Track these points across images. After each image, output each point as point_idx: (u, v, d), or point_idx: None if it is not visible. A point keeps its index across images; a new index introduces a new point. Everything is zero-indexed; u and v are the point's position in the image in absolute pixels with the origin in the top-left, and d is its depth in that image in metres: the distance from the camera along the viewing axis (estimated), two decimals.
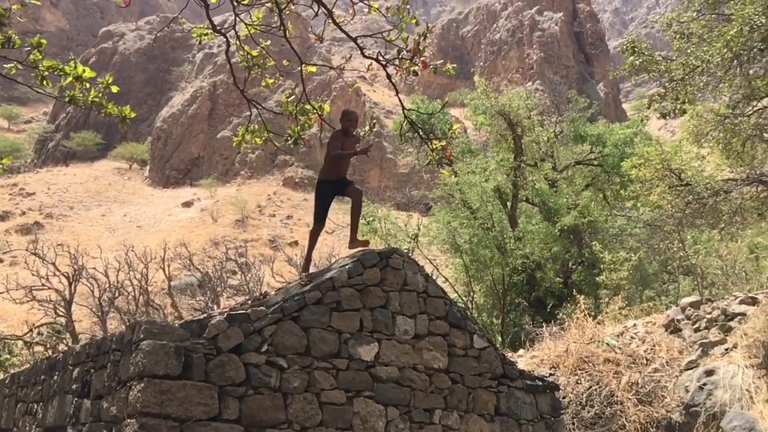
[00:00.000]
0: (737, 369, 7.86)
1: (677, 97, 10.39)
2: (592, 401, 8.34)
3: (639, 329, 10.34)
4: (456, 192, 17.45)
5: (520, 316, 17.03)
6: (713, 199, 11.16)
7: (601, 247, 16.45)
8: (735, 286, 13.40)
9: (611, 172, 18.41)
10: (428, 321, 6.35)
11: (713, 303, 9.86)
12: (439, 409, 6.07)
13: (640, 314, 12.74)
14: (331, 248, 27.43)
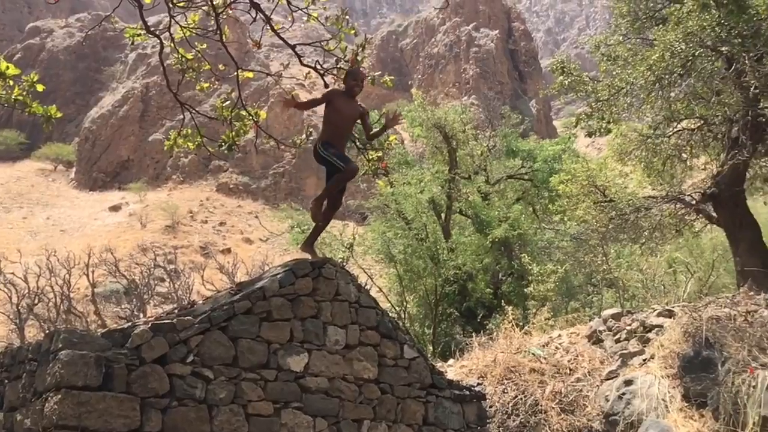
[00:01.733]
0: (654, 379, 8.20)
1: (603, 116, 10.85)
2: (518, 410, 8.53)
3: (563, 340, 10.66)
4: (391, 202, 17.59)
5: (451, 326, 17.27)
6: (635, 215, 11.67)
7: (530, 259, 16.91)
8: (654, 299, 13.96)
9: (541, 186, 18.98)
10: (359, 331, 6.36)
11: (633, 315, 10.26)
12: (368, 420, 6.07)
13: (565, 325, 13.13)
14: (264, 256, 27.11)
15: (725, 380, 7.35)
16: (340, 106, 6.02)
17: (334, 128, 6.01)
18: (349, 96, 6.09)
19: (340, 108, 6.02)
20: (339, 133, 6.08)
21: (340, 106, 6.02)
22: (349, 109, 6.08)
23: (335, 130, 6.02)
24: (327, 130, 6.06)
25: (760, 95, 9.81)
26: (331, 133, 6.03)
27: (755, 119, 9.99)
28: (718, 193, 10.57)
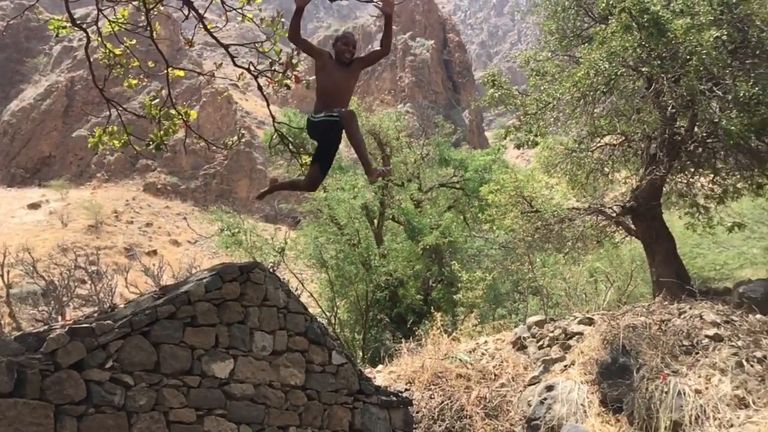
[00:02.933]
0: (574, 385, 8.49)
1: (530, 129, 11.18)
2: (444, 415, 8.65)
3: (490, 346, 10.90)
4: (324, 207, 17.54)
5: (381, 332, 17.36)
6: (559, 226, 12.06)
7: (460, 266, 17.20)
8: (576, 307, 14.47)
9: (471, 195, 19.37)
10: (287, 337, 6.31)
11: (556, 322, 10.60)
12: (294, 427, 6.03)
13: (492, 331, 13.43)
14: (192, 259, 26.48)
15: (640, 386, 7.69)
16: (330, 72, 5.26)
17: (327, 98, 5.20)
18: (339, 62, 5.32)
19: (331, 74, 5.25)
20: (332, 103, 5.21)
21: (330, 73, 5.26)
22: (340, 75, 5.27)
23: (328, 99, 5.20)
24: (319, 100, 5.27)
25: (677, 115, 10.36)
26: (325, 103, 5.22)
27: (672, 137, 10.53)
28: (637, 207, 11.05)
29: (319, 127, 5.24)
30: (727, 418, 6.86)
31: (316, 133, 5.37)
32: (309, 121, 5.33)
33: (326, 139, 5.37)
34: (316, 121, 5.21)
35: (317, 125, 5.24)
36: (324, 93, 5.24)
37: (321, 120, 5.16)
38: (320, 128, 5.25)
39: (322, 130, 5.26)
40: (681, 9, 9.55)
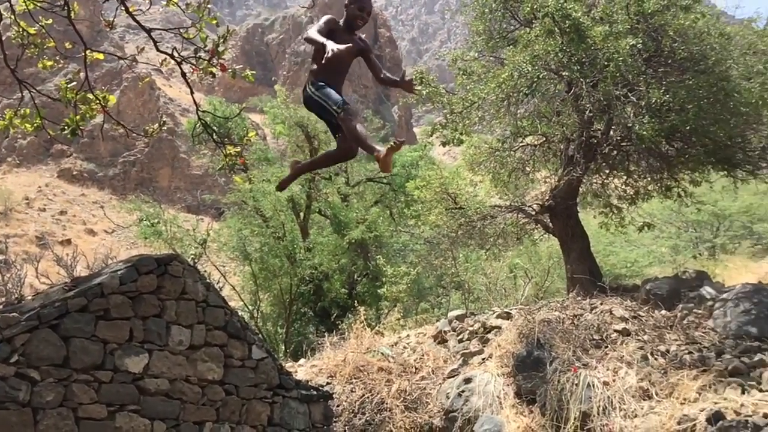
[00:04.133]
0: (491, 377, 8.74)
1: (456, 128, 11.36)
2: (364, 408, 8.72)
3: (411, 339, 11.06)
4: (249, 199, 17.25)
5: (305, 326, 17.28)
6: (481, 223, 12.33)
7: (385, 260, 17.35)
8: (495, 302, 14.88)
9: (398, 190, 19.52)
10: (206, 331, 6.19)
11: (476, 316, 10.86)
12: (210, 422, 5.93)
13: (414, 325, 13.62)
14: (108, 249, 25.49)
15: (552, 378, 8.00)
16: (336, 37, 4.64)
17: (327, 66, 4.55)
18: (347, 28, 4.77)
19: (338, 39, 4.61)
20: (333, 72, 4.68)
21: (336, 37, 4.63)
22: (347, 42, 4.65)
23: (329, 68, 4.60)
24: (319, 67, 4.67)
25: (594, 118, 10.77)
26: (324, 71, 4.65)
27: (588, 140, 10.95)
28: (555, 206, 11.44)
29: (316, 105, 4.73)
30: (631, 409, 7.23)
31: (313, 107, 4.78)
32: (306, 93, 4.76)
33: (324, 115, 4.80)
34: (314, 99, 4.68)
35: (315, 102, 4.71)
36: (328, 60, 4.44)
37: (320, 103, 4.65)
38: (317, 106, 4.73)
39: (319, 107, 4.71)
40: (600, 17, 9.92)
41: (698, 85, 9.28)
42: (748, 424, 6.12)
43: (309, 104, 4.78)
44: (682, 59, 9.66)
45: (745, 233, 23.63)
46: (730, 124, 9.61)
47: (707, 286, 9.65)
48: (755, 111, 9.89)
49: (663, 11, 9.69)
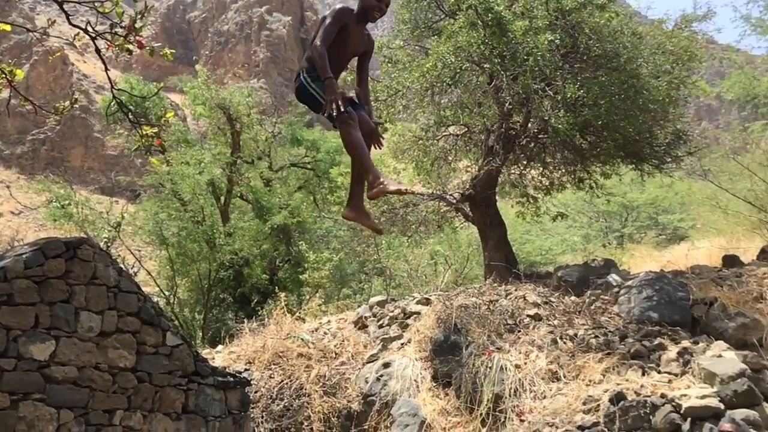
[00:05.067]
0: (409, 362, 8.90)
1: (379, 115, 11.40)
2: (283, 394, 8.70)
3: (333, 325, 11.09)
4: (167, 182, 16.74)
5: (224, 312, 17.00)
6: (404, 210, 12.49)
7: (308, 246, 17.28)
8: (416, 288, 15.15)
9: (322, 176, 19.45)
10: (118, 317, 5.99)
11: (396, 302, 11.02)
12: (122, 410, 5.76)
13: (336, 311, 13.68)
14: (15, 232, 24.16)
15: (468, 362, 8.23)
16: (350, 31, 4.16)
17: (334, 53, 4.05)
18: (361, 20, 4.23)
19: (350, 34, 4.16)
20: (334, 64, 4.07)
21: (349, 32, 4.16)
22: (357, 38, 4.21)
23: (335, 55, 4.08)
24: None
25: (513, 110, 11.07)
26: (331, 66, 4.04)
27: (508, 131, 11.25)
28: (474, 195, 11.71)
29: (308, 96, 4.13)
30: (541, 390, 7.54)
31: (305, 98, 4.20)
32: (299, 82, 4.17)
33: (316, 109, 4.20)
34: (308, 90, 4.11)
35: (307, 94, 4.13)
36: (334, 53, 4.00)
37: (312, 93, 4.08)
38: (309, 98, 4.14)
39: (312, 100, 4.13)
40: (521, 11, 10.19)
41: (611, 82, 9.69)
42: (647, 404, 6.52)
43: (301, 94, 4.20)
44: (597, 56, 10.05)
45: (651, 224, 25.01)
46: (639, 120, 10.11)
47: (614, 273, 10.17)
48: (662, 108, 10.45)
49: (580, 9, 10.03)
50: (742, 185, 14.33)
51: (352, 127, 3.93)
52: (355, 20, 4.19)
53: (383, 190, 3.85)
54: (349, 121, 3.93)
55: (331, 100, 3.82)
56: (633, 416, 6.44)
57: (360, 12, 4.22)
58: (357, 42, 4.28)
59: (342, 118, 3.90)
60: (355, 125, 3.96)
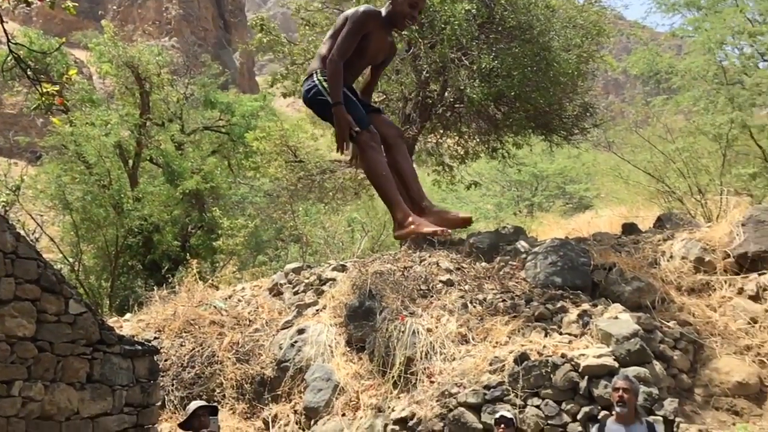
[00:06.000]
0: (324, 327, 8.96)
1: (297, 79, 11.23)
2: (194, 362, 8.58)
3: (247, 292, 10.98)
4: (71, 143, 15.85)
5: (132, 280, 16.47)
6: (321, 177, 12.42)
7: (222, 213, 16.91)
8: (333, 255, 15.18)
9: (237, 141, 18.98)
10: (15, 285, 5.67)
11: (312, 269, 11.01)
12: (21, 380, 5.50)
13: (251, 278, 13.54)
14: None
15: (381, 327, 8.37)
16: (372, 38, 3.48)
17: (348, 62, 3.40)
18: (387, 26, 3.54)
19: (372, 42, 3.49)
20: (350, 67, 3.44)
21: (371, 39, 3.48)
22: (378, 46, 3.55)
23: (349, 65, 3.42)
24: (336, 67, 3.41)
25: (430, 79, 11.16)
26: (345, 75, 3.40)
27: (424, 100, 11.35)
28: None
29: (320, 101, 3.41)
30: (451, 353, 7.79)
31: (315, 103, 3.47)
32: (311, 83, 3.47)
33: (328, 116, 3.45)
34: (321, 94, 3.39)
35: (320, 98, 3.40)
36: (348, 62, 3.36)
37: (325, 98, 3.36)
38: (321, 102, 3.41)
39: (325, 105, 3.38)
40: None
41: (524, 54, 9.92)
42: (548, 364, 6.87)
43: (311, 98, 3.49)
44: (511, 27, 10.24)
45: (559, 193, 26.07)
46: (550, 92, 10.43)
47: (522, 240, 10.56)
48: (572, 81, 10.82)
49: None
50: (642, 157, 15.13)
51: (373, 150, 3.27)
52: (379, 26, 3.47)
53: (415, 232, 3.21)
54: (371, 144, 3.28)
55: (342, 135, 3.24)
56: (535, 375, 6.78)
57: (388, 18, 3.50)
58: (378, 51, 3.58)
59: (362, 142, 3.25)
60: (377, 146, 3.30)
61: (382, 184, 3.29)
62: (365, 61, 3.57)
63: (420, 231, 3.19)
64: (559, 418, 6.52)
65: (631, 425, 5.08)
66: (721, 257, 8.53)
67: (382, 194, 3.34)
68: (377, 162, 3.28)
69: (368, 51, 3.50)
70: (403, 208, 3.24)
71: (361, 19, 3.36)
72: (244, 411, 8.35)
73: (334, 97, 3.27)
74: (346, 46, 3.34)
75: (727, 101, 12.99)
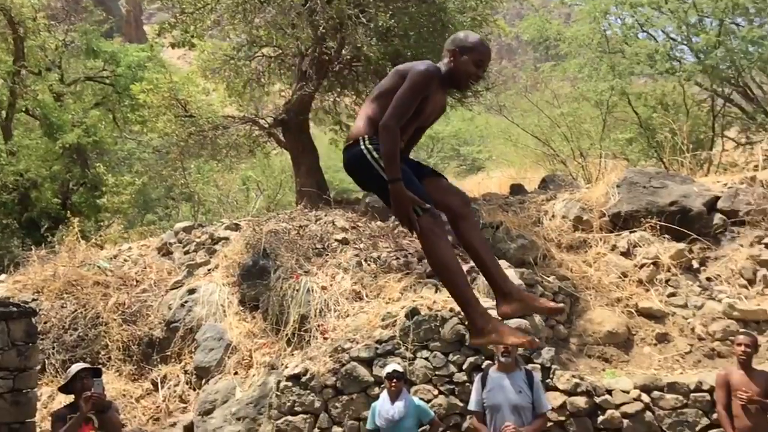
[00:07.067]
0: (216, 287, 8.80)
1: (187, 29, 10.71)
2: (77, 324, 8.20)
3: (134, 252, 10.56)
4: None
5: (7, 239, 15.39)
6: (213, 133, 11.99)
7: (107, 169, 16.05)
8: (227, 214, 14.84)
9: (123, 93, 17.92)
10: None
11: (204, 228, 10.73)
12: None
13: (139, 238, 12.99)
14: None
15: (275, 286, 8.33)
16: (430, 100, 3.01)
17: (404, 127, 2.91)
18: (446, 85, 3.09)
19: (429, 104, 3.02)
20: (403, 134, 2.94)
21: (429, 101, 3.01)
22: (434, 106, 3.09)
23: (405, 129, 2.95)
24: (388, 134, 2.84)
25: (327, 35, 10.98)
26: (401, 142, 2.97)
27: (321, 56, 11.16)
28: (287, 120, 11.58)
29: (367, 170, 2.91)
30: (344, 310, 7.89)
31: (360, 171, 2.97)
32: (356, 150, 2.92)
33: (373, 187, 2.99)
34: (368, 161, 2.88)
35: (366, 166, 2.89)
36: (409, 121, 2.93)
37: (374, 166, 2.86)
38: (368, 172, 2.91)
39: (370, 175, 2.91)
40: None
41: (420, 14, 9.97)
42: (438, 318, 7.12)
43: (356, 164, 2.96)
44: None
45: (454, 155, 26.73)
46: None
47: None
48: None
49: None
50: (530, 121, 15.77)
51: (438, 237, 2.78)
52: (439, 85, 3.02)
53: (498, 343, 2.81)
54: (435, 230, 2.77)
55: (407, 216, 2.75)
56: (425, 329, 7.02)
57: (448, 76, 3.05)
58: (432, 112, 3.10)
59: (424, 228, 2.76)
60: (443, 232, 2.81)
61: (452, 280, 2.84)
62: (417, 121, 3.06)
63: (505, 342, 2.81)
64: (446, 369, 6.81)
65: (512, 373, 5.40)
66: (597, 216, 9.10)
67: (453, 292, 2.89)
68: (444, 253, 2.80)
69: (423, 113, 3.04)
70: (481, 311, 2.79)
71: (424, 81, 2.89)
72: (131, 373, 8.11)
73: (391, 173, 2.74)
74: (404, 111, 2.85)
75: (608, 69, 13.70)
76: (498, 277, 2.92)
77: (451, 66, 3.03)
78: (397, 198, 2.75)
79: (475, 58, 3.01)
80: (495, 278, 2.93)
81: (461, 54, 3.02)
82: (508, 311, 2.89)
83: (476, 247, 2.96)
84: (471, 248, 2.96)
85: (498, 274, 2.93)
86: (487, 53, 3.08)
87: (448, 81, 3.06)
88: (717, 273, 8.12)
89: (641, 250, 8.47)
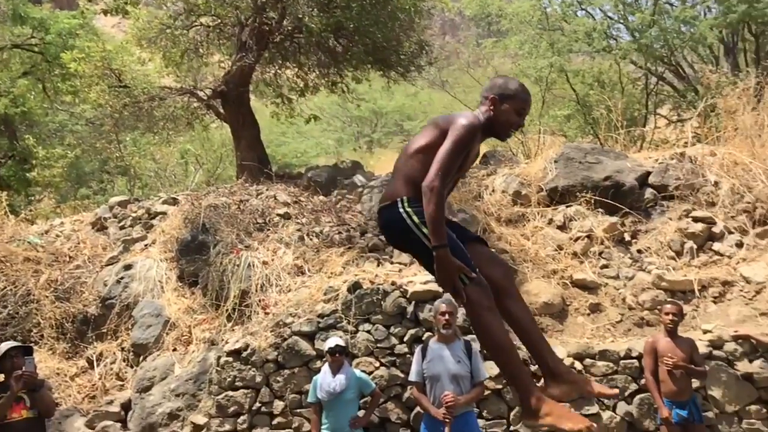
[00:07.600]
0: (153, 263, 8.60)
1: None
2: (6, 302, 7.89)
3: (66, 227, 10.20)
4: None
5: None
6: (149, 104, 11.61)
7: (36, 141, 15.37)
8: (165, 188, 14.47)
9: (53, 62, 17.08)
10: None
11: (140, 203, 10.44)
12: None
13: (72, 213, 12.54)
14: None
15: (215, 261, 8.20)
16: (474, 148, 2.94)
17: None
18: (485, 134, 2.97)
19: (470, 156, 2.95)
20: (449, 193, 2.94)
21: (470, 153, 2.92)
22: (472, 157, 2.99)
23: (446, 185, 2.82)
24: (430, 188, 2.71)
25: (268, 5, 10.74)
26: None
27: (261, 27, 10.92)
28: (227, 92, 11.31)
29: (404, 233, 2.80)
30: (286, 284, 7.86)
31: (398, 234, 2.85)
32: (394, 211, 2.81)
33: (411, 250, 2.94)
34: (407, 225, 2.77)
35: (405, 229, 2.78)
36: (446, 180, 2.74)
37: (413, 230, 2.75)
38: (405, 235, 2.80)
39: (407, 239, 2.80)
40: None
41: None
42: (379, 291, 7.17)
43: (394, 228, 2.84)
44: None
45: (397, 130, 26.77)
46: (387, 27, 10.52)
47: (359, 174, 10.76)
48: (409, 18, 10.96)
49: None
50: (473, 97, 15.88)
51: (490, 312, 2.64)
52: (479, 135, 2.89)
53: (551, 426, 2.55)
54: (485, 303, 2.64)
55: (449, 284, 2.63)
56: (367, 302, 7.06)
57: (488, 126, 2.92)
58: (469, 161, 2.98)
59: (473, 301, 2.63)
60: (492, 306, 2.66)
61: (507, 361, 2.69)
62: (466, 163, 2.94)
63: (560, 427, 2.55)
64: (388, 341, 6.88)
65: (451, 344, 5.51)
66: (535, 191, 9.30)
67: (507, 371, 2.74)
68: (497, 332, 2.64)
69: (464, 167, 2.94)
70: (535, 392, 2.64)
71: (469, 137, 2.75)
72: (65, 351, 7.88)
73: (437, 239, 2.60)
74: (449, 171, 2.70)
75: (548, 46, 13.93)
76: (547, 357, 2.78)
77: (490, 115, 2.92)
78: (442, 265, 2.62)
79: (518, 107, 2.90)
80: (544, 357, 2.78)
81: (501, 102, 2.90)
82: (557, 393, 2.73)
83: (523, 325, 2.81)
84: (516, 325, 2.83)
85: (547, 353, 2.78)
86: (529, 100, 2.97)
87: (488, 131, 2.94)
88: (647, 245, 8.44)
89: (576, 224, 8.71)
